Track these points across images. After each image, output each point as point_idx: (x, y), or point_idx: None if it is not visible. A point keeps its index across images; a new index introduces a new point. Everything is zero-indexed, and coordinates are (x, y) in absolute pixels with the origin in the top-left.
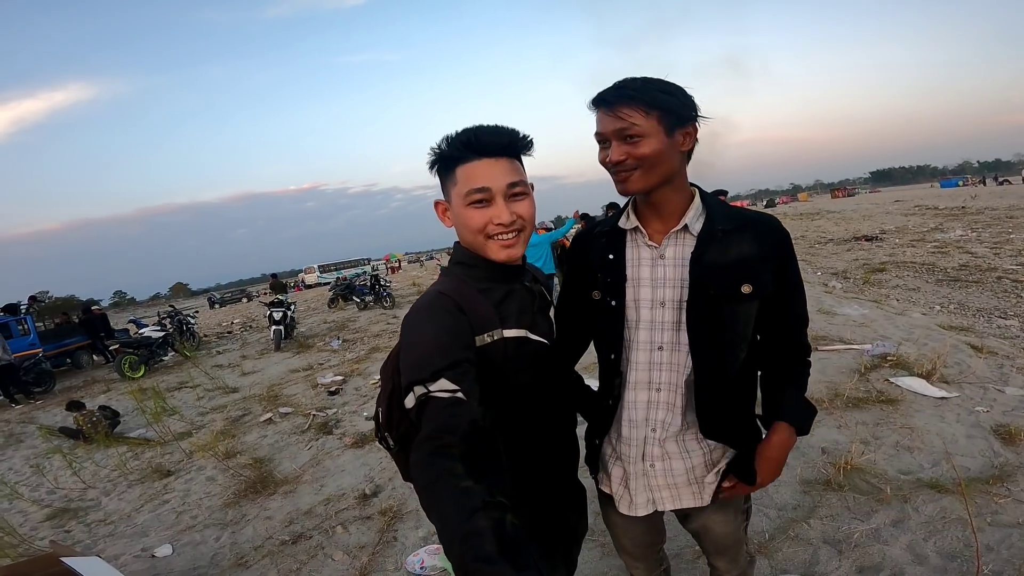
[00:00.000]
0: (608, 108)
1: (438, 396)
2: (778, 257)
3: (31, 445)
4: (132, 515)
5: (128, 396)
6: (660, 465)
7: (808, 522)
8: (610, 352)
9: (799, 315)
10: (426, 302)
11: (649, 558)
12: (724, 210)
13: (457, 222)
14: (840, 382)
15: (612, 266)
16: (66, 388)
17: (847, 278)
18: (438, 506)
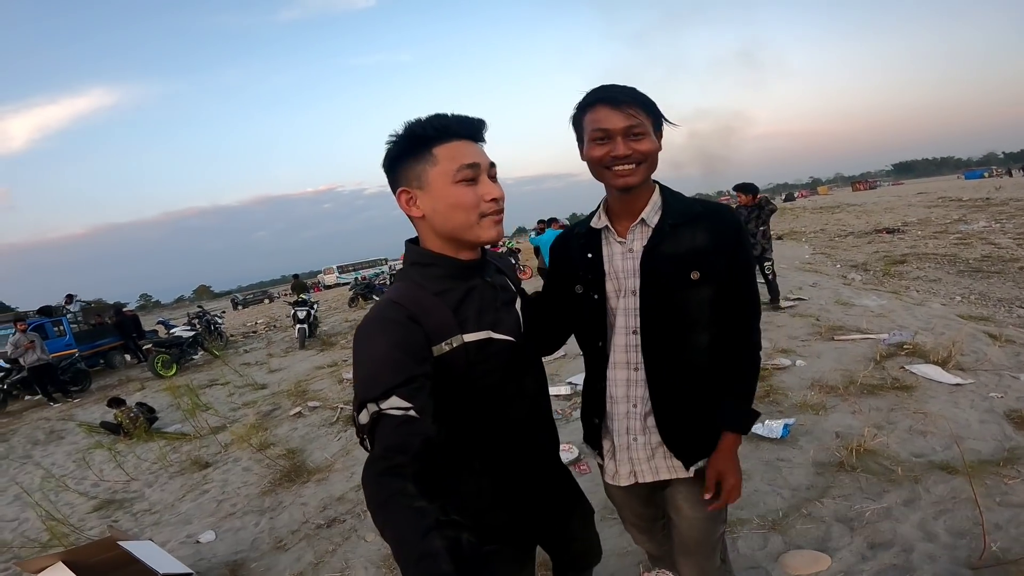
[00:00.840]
0: (616, 105)
1: (390, 414)
2: (730, 245)
3: (72, 441)
4: (175, 504)
5: (162, 393)
6: (641, 439)
7: (821, 501)
8: (597, 340)
9: (745, 299)
10: (377, 313)
11: (653, 532)
12: (680, 204)
13: (441, 205)
14: (855, 370)
15: (592, 264)
16: (101, 387)
17: (867, 270)
18: (392, 527)
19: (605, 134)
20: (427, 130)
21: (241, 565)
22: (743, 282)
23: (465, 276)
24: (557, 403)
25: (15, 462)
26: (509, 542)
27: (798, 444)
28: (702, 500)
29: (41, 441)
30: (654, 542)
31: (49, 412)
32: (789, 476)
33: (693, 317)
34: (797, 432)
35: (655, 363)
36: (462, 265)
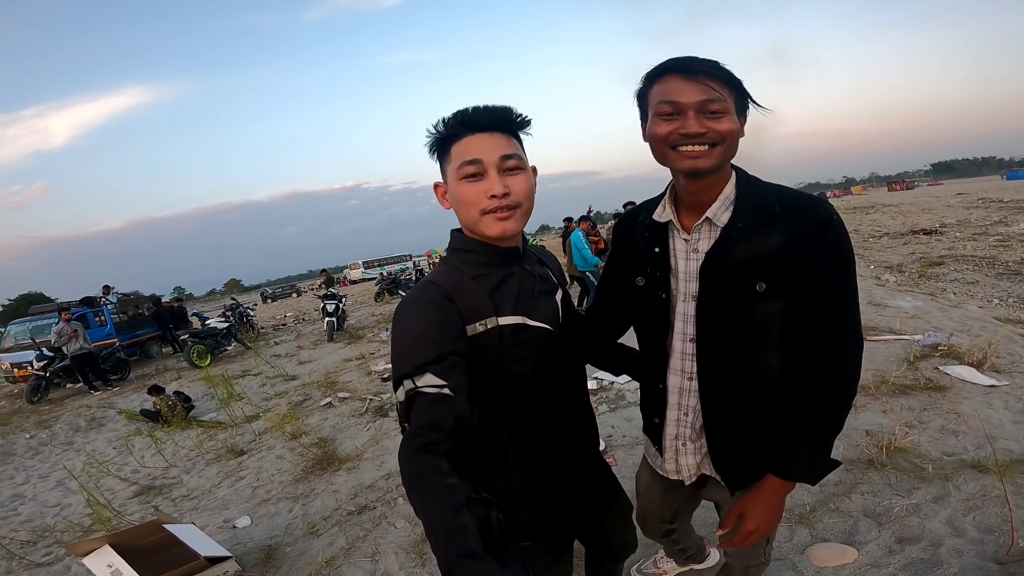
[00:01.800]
0: (690, 76)
1: (425, 391)
2: (812, 250)
3: (112, 428)
4: (212, 490)
5: (198, 383)
6: (690, 446)
7: (849, 496)
8: (658, 340)
9: (832, 320)
10: (415, 293)
11: (656, 533)
12: (756, 200)
13: (453, 201)
14: (887, 370)
15: (659, 260)
16: (139, 376)
17: (902, 271)
18: (424, 502)
19: (675, 108)
20: (447, 128)
21: (276, 549)
22: (830, 298)
23: (503, 263)
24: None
25: (57, 448)
26: (543, 536)
27: None
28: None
29: (82, 428)
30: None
31: (90, 400)
32: None
33: (758, 334)
34: None
35: (710, 378)
36: (500, 252)
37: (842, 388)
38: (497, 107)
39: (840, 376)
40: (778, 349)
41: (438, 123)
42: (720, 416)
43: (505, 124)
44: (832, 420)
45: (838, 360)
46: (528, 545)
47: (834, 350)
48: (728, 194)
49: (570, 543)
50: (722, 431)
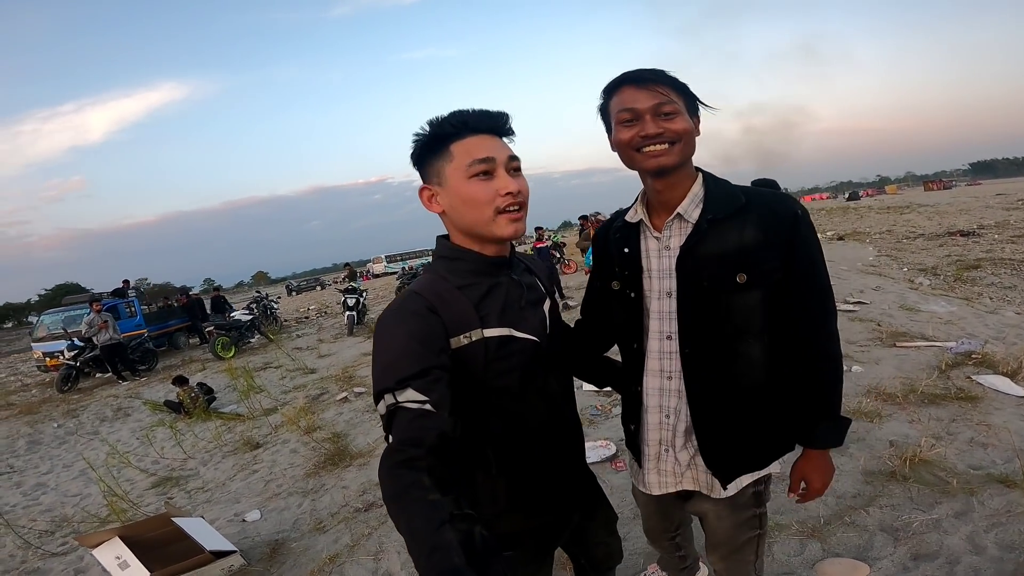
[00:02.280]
0: (641, 84)
1: (406, 406)
2: (785, 241)
3: (137, 419)
4: (226, 483)
5: (221, 374)
6: (673, 452)
7: (867, 510)
8: (632, 341)
9: (810, 307)
10: (397, 304)
11: (662, 541)
12: (723, 195)
13: (456, 201)
14: (917, 378)
15: (628, 259)
16: (166, 366)
17: (936, 275)
18: (406, 519)
19: (633, 114)
20: (445, 128)
21: (282, 544)
22: (807, 283)
23: (490, 272)
24: (598, 399)
25: (83, 438)
26: (525, 547)
27: (848, 451)
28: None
29: (108, 418)
30: (665, 552)
31: (118, 390)
32: (835, 483)
33: (741, 325)
34: (848, 439)
35: (695, 374)
36: (488, 261)
37: (838, 364)
38: (496, 111)
39: (834, 356)
40: (758, 338)
41: (433, 121)
42: (708, 408)
43: (503, 129)
44: (836, 392)
45: (828, 343)
46: (510, 555)
47: (825, 334)
48: (696, 192)
49: (551, 552)
50: (711, 422)
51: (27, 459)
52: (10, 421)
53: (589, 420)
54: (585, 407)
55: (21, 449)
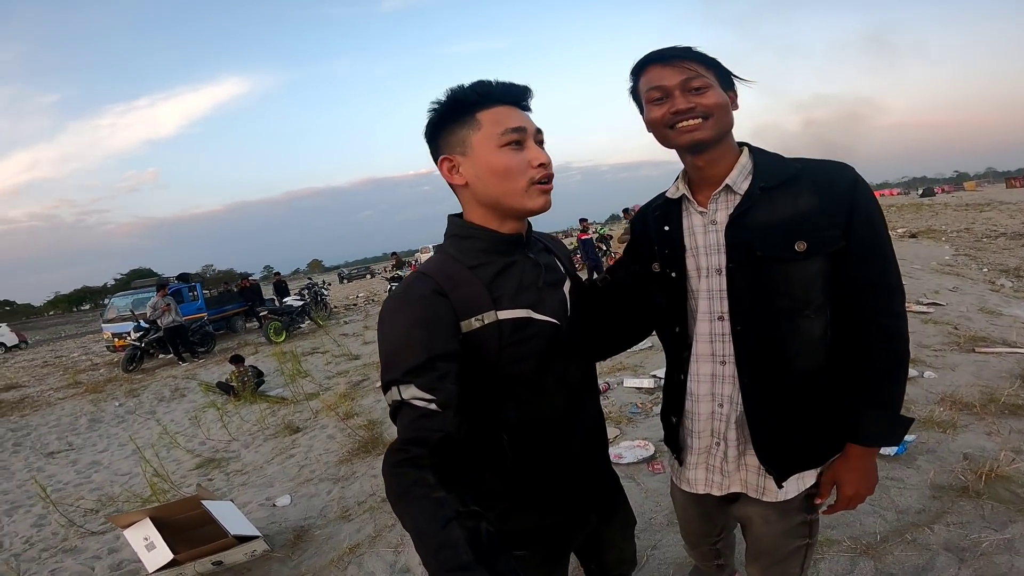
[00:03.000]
0: (667, 62)
1: (411, 404)
2: (845, 207)
3: (191, 400)
4: (263, 467)
5: (271, 358)
6: (725, 445)
7: (931, 527)
8: (674, 325)
9: (871, 279)
10: (403, 287)
11: (702, 547)
12: (773, 164)
13: (484, 171)
14: (997, 386)
15: (669, 237)
16: (223, 349)
17: (1020, 276)
18: (411, 517)
19: (662, 92)
20: (470, 95)
21: (306, 531)
22: (869, 252)
23: (505, 250)
24: (638, 396)
25: (140, 417)
26: (538, 546)
27: (915, 463)
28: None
29: (166, 398)
30: (703, 560)
31: (177, 371)
32: (898, 497)
33: (800, 298)
34: (917, 450)
35: (749, 357)
36: (503, 238)
37: (903, 347)
38: (520, 84)
39: (896, 336)
40: (819, 313)
41: (457, 89)
42: (761, 393)
43: (527, 103)
44: (898, 380)
45: (894, 320)
46: (521, 555)
47: (888, 311)
48: (744, 164)
49: (566, 555)
50: (764, 410)
51: (86, 437)
52: (76, 399)
53: (628, 418)
54: (625, 404)
55: (82, 427)
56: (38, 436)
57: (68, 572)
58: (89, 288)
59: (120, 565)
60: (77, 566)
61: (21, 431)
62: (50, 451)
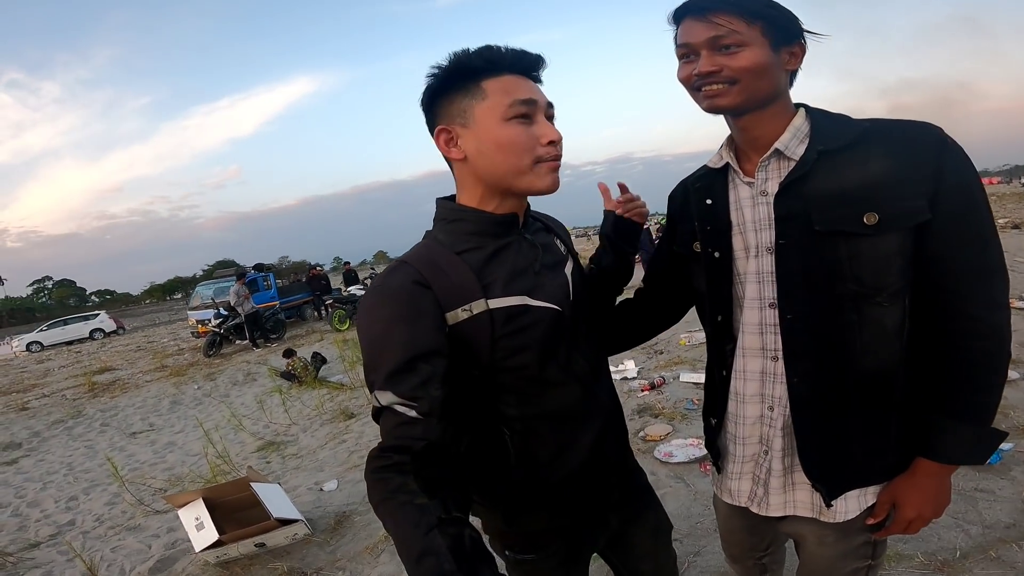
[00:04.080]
0: (699, 15)
1: (394, 409)
2: (931, 172)
3: (261, 384)
4: (317, 451)
5: (334, 345)
6: (774, 454)
7: (1019, 544)
8: (717, 313)
9: (965, 260)
10: (381, 280)
11: (747, 562)
12: (836, 124)
13: (487, 146)
14: None
15: (711, 212)
16: (292, 336)
17: None
18: (393, 523)
19: (689, 49)
20: (475, 61)
21: (347, 517)
22: (963, 227)
23: (498, 232)
24: (695, 392)
25: (215, 400)
26: (549, 549)
27: (1010, 474)
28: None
29: (239, 382)
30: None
31: (250, 356)
32: (985, 511)
33: (870, 283)
34: (1013, 460)
35: (801, 351)
36: (495, 220)
37: (1002, 346)
38: (532, 52)
39: (997, 332)
40: (895, 302)
41: (461, 54)
42: (813, 395)
43: (537, 72)
44: (993, 386)
45: (992, 313)
46: (531, 558)
47: (984, 300)
48: (799, 126)
49: (584, 560)
50: (817, 416)
51: (167, 418)
52: (160, 382)
53: (682, 415)
54: (680, 399)
55: (164, 409)
56: (124, 417)
57: (127, 550)
58: (181, 278)
59: (174, 544)
60: (136, 544)
61: (110, 412)
62: (133, 431)
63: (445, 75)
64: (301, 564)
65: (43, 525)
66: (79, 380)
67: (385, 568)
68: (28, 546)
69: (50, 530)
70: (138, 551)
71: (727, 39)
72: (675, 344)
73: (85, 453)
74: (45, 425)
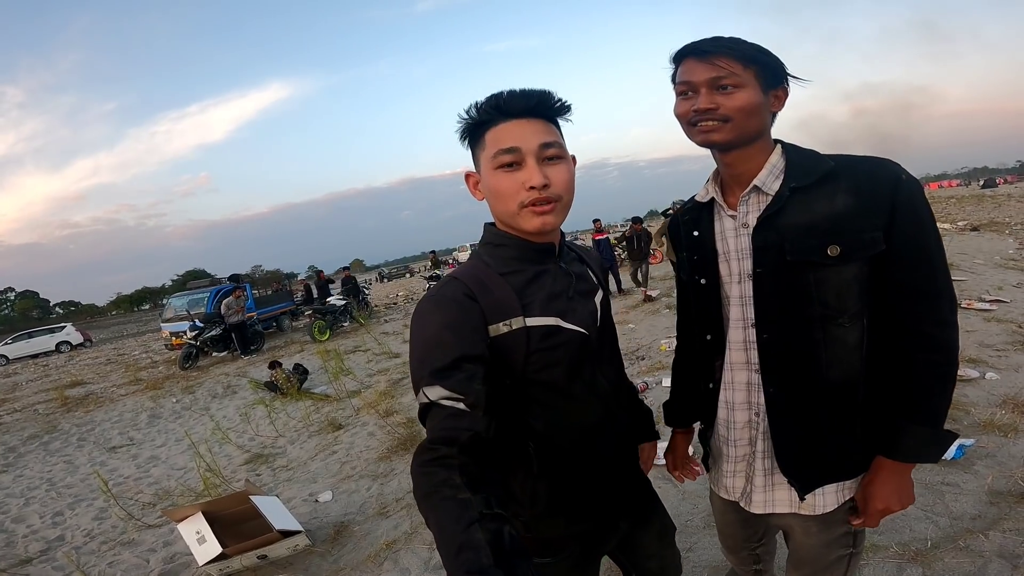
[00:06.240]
0: (702, 57)
1: (440, 404)
2: (887, 207)
3: (242, 396)
4: (307, 463)
5: (316, 356)
6: (761, 456)
7: (985, 534)
8: (705, 333)
9: (916, 284)
10: (435, 291)
11: (742, 552)
12: (807, 161)
13: (488, 192)
14: None
15: (698, 243)
16: (271, 347)
17: None
18: (436, 517)
19: (689, 87)
20: (480, 115)
21: (346, 527)
22: (914, 256)
23: (537, 259)
24: None
25: (195, 413)
26: (566, 553)
27: (973, 468)
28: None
29: (219, 395)
30: (741, 566)
31: (229, 368)
32: (952, 503)
33: (833, 305)
34: (975, 455)
35: (776, 366)
36: (534, 247)
37: (950, 358)
38: (535, 91)
39: (944, 347)
40: (855, 321)
41: (470, 108)
42: (786, 404)
43: (544, 110)
44: (944, 393)
45: (942, 329)
46: (548, 561)
47: (935, 320)
48: (775, 162)
49: (595, 562)
50: (791, 421)
51: (146, 432)
52: (137, 396)
53: None
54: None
55: (143, 423)
56: (102, 431)
57: (125, 564)
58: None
59: (173, 558)
60: (133, 559)
61: (86, 426)
62: (112, 446)
63: (463, 131)
64: (305, 575)
65: (32, 541)
66: (50, 394)
67: None
68: (20, 562)
69: (40, 546)
70: (136, 566)
71: (726, 80)
72: (656, 350)
73: (65, 468)
74: (20, 440)
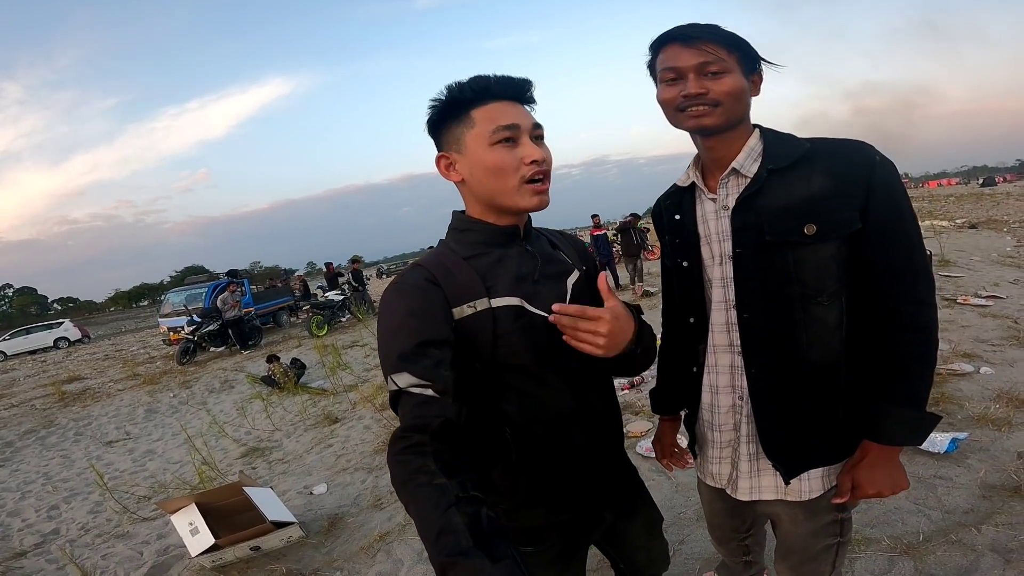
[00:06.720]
0: (688, 42)
1: (410, 392)
2: (863, 188)
3: (239, 391)
4: (303, 456)
5: (313, 351)
6: (746, 440)
7: (978, 527)
8: (688, 316)
9: (892, 264)
10: (398, 279)
11: (731, 543)
12: (784, 144)
13: (477, 169)
14: None
15: (679, 227)
16: (269, 343)
17: None
18: (414, 504)
19: (676, 73)
20: (465, 92)
21: (340, 519)
22: (890, 235)
23: (502, 242)
24: None
25: (192, 407)
26: (547, 544)
27: (966, 462)
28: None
29: (216, 389)
30: (731, 556)
31: (226, 363)
32: (945, 497)
33: (811, 285)
34: (968, 448)
35: (757, 346)
36: (500, 231)
37: (929, 338)
38: (520, 78)
39: (923, 326)
40: (834, 300)
41: (453, 86)
42: (768, 384)
43: (525, 96)
44: (924, 374)
45: (919, 309)
46: (530, 551)
47: (912, 299)
48: (753, 146)
49: (581, 552)
50: (773, 404)
51: (143, 427)
52: (134, 391)
53: None
54: None
55: (140, 417)
56: (98, 426)
57: (118, 557)
58: (147, 285)
59: (167, 550)
60: (127, 551)
61: (83, 421)
62: (109, 440)
63: (441, 108)
64: (298, 566)
65: (27, 534)
66: (48, 390)
67: (382, 567)
68: (14, 555)
69: (35, 539)
70: (130, 558)
71: (713, 66)
72: None
73: (61, 462)
74: (17, 435)
